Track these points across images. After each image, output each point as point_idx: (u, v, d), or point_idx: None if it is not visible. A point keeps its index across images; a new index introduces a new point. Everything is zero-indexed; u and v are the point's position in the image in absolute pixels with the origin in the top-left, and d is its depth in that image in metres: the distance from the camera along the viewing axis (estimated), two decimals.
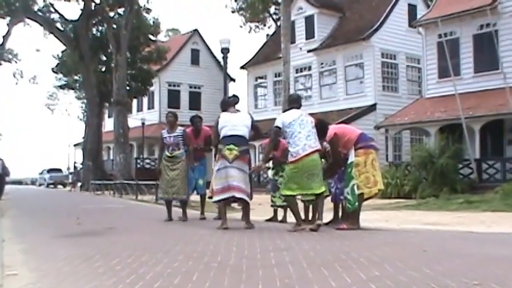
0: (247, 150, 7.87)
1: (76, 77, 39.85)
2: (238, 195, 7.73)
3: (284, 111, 8.06)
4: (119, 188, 25.31)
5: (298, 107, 7.71)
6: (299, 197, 8.10)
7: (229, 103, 8.12)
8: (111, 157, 41.88)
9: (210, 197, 8.83)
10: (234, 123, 7.80)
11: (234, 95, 8.34)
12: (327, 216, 8.92)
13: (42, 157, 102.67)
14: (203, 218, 10.22)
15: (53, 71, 40.77)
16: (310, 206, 9.02)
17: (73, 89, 43.32)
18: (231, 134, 7.73)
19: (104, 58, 38.00)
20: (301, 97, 8.27)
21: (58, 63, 39.70)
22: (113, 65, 33.15)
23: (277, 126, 7.52)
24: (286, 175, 7.43)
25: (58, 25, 35.74)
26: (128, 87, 33.99)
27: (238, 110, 8.08)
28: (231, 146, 7.66)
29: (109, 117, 43.81)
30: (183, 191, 9.74)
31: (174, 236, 6.94)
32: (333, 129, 7.82)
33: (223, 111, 8.03)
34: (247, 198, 7.85)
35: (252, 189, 8.02)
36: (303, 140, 7.27)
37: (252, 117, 8.07)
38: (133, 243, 6.35)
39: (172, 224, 9.42)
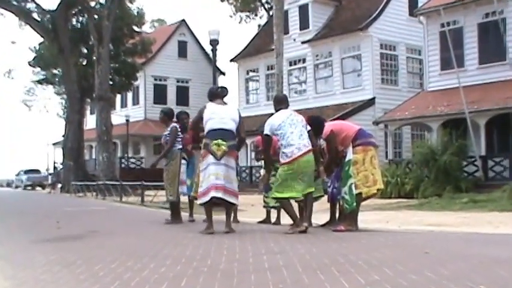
0: (236, 145, 7.73)
1: (55, 71, 39.73)
2: (226, 197, 7.49)
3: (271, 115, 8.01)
4: (102, 189, 25.26)
5: (286, 107, 7.78)
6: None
7: (217, 94, 7.95)
8: (94, 156, 41.80)
9: (195, 198, 8.62)
10: (222, 116, 7.61)
11: (222, 87, 8.26)
12: (324, 217, 8.94)
13: (19, 157, 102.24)
14: (192, 220, 10.22)
15: (30, 65, 40.62)
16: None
17: (52, 83, 43.16)
18: (218, 128, 7.53)
19: (85, 51, 37.88)
20: (287, 97, 8.39)
21: (35, 57, 39.55)
22: (94, 58, 33.06)
23: (266, 135, 7.57)
24: (280, 177, 7.44)
25: (35, 15, 35.54)
26: (111, 82, 33.89)
27: (225, 103, 8.00)
28: (219, 141, 7.45)
29: (91, 113, 43.70)
30: (169, 192, 9.73)
31: (162, 240, 6.93)
32: (329, 125, 7.84)
33: (210, 101, 7.90)
34: (235, 201, 7.69)
35: (238, 188, 7.99)
36: (296, 140, 7.33)
37: (240, 114, 7.90)
38: (117, 247, 6.35)
39: (159, 226, 9.42)
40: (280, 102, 7.89)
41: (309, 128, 7.66)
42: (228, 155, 7.54)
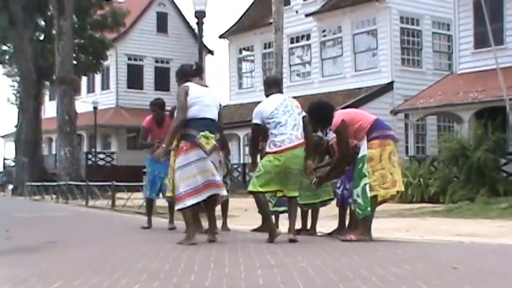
0: (220, 140, 7.85)
1: (5, 47, 39.52)
2: (215, 191, 7.56)
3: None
4: (64, 191, 25.24)
5: (278, 91, 7.89)
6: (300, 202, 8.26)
7: (191, 73, 7.90)
8: (54, 151, 41.75)
9: (171, 198, 8.33)
10: (207, 103, 7.61)
11: (196, 63, 8.24)
12: (331, 224, 8.97)
13: None
14: (173, 227, 10.25)
15: None
16: (309, 212, 9.09)
17: (1, 63, 42.98)
18: (204, 117, 7.53)
19: (43, 23, 37.74)
20: (279, 79, 8.42)
21: None
22: (54, 32, 32.92)
23: (256, 124, 7.63)
24: (263, 167, 7.55)
25: None
26: (74, 61, 33.81)
27: (206, 85, 7.98)
28: (207, 133, 7.45)
29: (50, 99, 43.65)
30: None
31: (136, 251, 6.94)
32: (339, 114, 7.83)
33: (188, 80, 7.77)
34: (225, 192, 7.77)
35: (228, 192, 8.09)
36: (289, 130, 7.46)
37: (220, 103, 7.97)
38: (81, 260, 6.35)
39: (133, 235, 9.43)
40: (272, 86, 7.96)
41: (303, 113, 7.73)
42: (215, 151, 7.62)
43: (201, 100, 7.57)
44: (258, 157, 8.38)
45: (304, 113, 7.77)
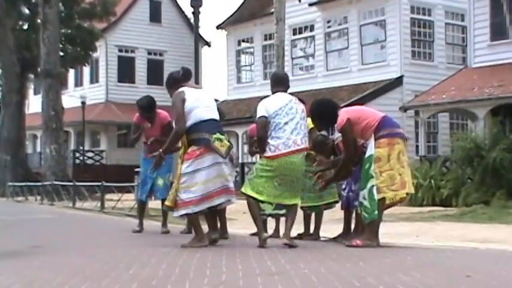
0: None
1: None
2: (232, 198, 7.85)
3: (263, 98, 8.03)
4: (50, 191, 25.19)
5: (285, 89, 7.89)
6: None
7: (181, 79, 8.04)
8: (39, 149, 41.73)
9: (171, 209, 8.31)
10: (207, 104, 7.78)
11: (182, 68, 8.32)
12: (335, 228, 8.98)
13: None
14: (166, 231, 10.28)
15: None
16: (313, 215, 9.09)
17: None
18: (210, 118, 7.69)
19: (27, 11, 37.69)
20: (288, 77, 8.39)
21: None
22: (39, 21, 32.88)
23: (262, 116, 7.62)
24: (256, 171, 7.63)
25: None
26: (61, 53, 33.76)
27: (199, 86, 8.14)
28: (219, 135, 7.58)
29: (35, 94, 43.60)
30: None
31: (126, 256, 6.95)
32: (344, 112, 7.86)
33: (180, 86, 7.87)
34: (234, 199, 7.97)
35: None
36: (287, 134, 7.47)
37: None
38: (68, 266, 6.36)
39: (123, 240, 9.44)
40: (280, 83, 7.99)
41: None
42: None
43: (201, 102, 7.71)
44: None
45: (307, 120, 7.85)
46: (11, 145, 34.66)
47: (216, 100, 8.24)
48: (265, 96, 7.98)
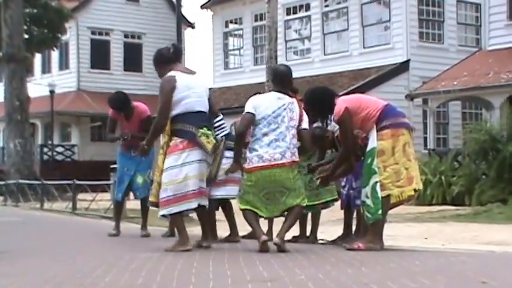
0: None
1: None
2: (206, 202, 7.85)
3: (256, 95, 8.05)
4: (14, 191, 25.19)
5: (285, 89, 7.84)
6: None
7: (170, 58, 7.94)
8: (1, 144, 41.63)
9: (154, 204, 8.42)
10: (199, 93, 7.75)
11: (173, 45, 8.22)
12: (334, 230, 9.00)
13: None
14: (146, 234, 10.30)
15: None
16: (309, 215, 9.10)
17: None
18: (200, 110, 7.68)
19: None
20: (290, 73, 8.19)
21: None
22: None
23: (249, 112, 7.64)
24: (243, 188, 7.71)
25: None
26: (26, 35, 33.66)
27: (192, 71, 7.99)
28: (205, 131, 7.58)
29: None
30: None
31: (102, 263, 6.95)
32: (342, 101, 7.83)
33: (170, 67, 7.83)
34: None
35: None
36: (264, 147, 7.51)
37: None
38: (36, 273, 6.36)
39: (99, 244, 9.45)
40: (278, 82, 7.99)
41: (305, 125, 7.85)
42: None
43: (194, 91, 7.67)
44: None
45: (305, 125, 7.81)
46: None
47: (210, 88, 8.15)
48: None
